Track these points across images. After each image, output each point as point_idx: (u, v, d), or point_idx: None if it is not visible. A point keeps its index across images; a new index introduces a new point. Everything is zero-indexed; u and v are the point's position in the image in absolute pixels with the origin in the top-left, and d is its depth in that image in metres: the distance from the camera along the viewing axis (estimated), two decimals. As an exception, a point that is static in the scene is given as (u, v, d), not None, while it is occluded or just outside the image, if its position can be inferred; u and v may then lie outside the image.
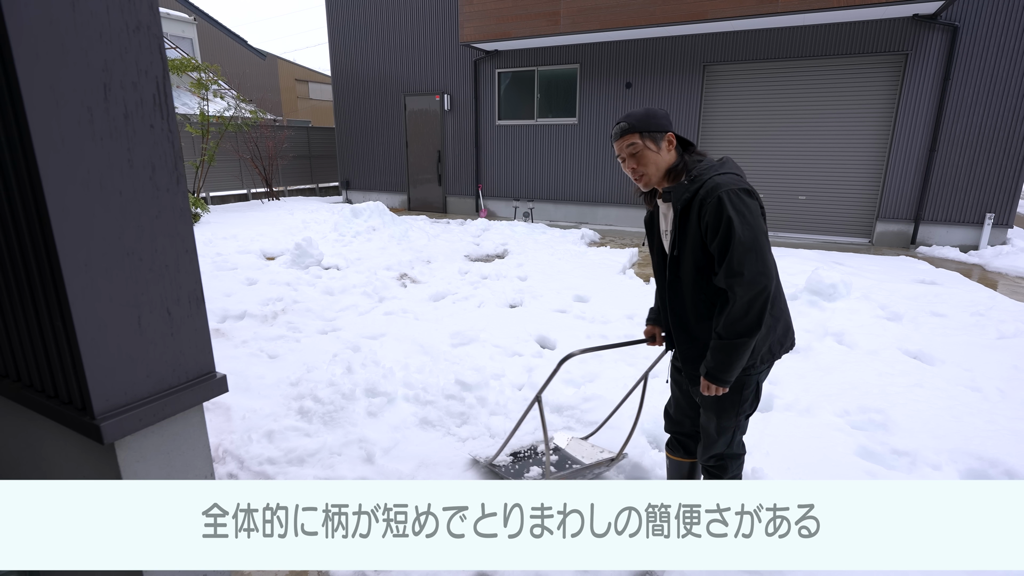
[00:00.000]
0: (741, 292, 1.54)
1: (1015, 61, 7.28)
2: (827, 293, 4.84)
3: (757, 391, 1.81)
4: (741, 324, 1.56)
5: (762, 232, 1.55)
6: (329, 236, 7.92)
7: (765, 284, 1.52)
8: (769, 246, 1.58)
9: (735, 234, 1.52)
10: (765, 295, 1.53)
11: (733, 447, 1.88)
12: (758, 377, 1.78)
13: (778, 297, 1.72)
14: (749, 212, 1.54)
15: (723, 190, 1.55)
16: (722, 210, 1.53)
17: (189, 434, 1.41)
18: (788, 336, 1.78)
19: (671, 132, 1.69)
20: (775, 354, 1.75)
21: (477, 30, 9.45)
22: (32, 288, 1.19)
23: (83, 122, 1.09)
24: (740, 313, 1.56)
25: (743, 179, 1.62)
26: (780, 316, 1.73)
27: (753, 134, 8.95)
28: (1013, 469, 2.47)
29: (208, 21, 20.34)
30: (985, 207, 7.79)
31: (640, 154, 1.68)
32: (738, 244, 1.52)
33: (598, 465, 2.46)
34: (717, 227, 1.55)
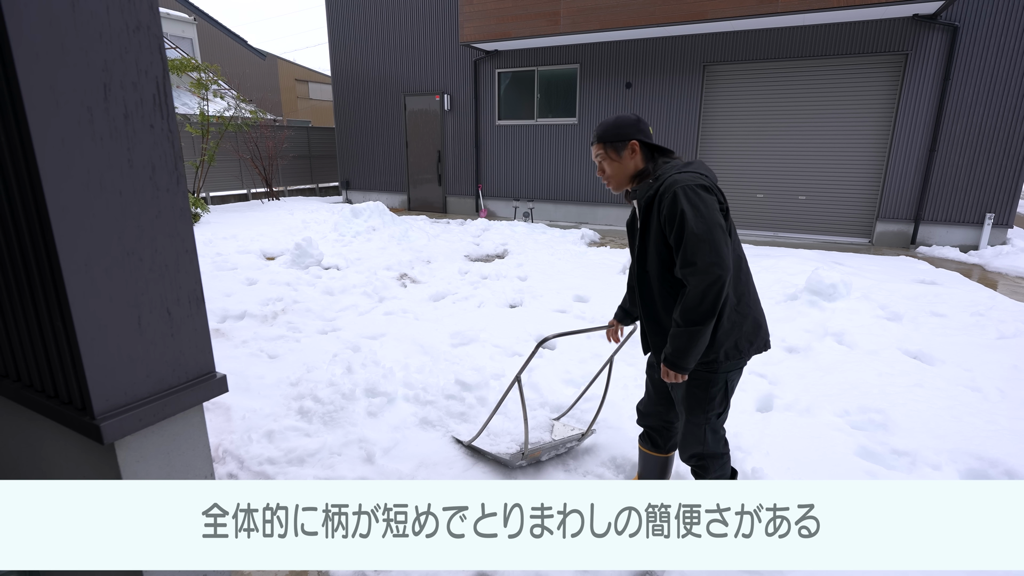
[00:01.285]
0: (695, 281, 1.60)
1: (1015, 61, 7.28)
2: (827, 293, 4.84)
3: (726, 391, 1.84)
4: (696, 312, 1.62)
5: (717, 225, 1.60)
6: (329, 236, 7.92)
7: (719, 274, 1.57)
8: (726, 239, 1.62)
9: (688, 225, 1.59)
10: (719, 284, 1.58)
11: (708, 445, 1.90)
12: (727, 376, 1.81)
13: (746, 294, 1.77)
14: (704, 205, 1.60)
15: (679, 185, 1.63)
16: (676, 203, 1.61)
17: (189, 434, 1.41)
18: (759, 335, 1.81)
19: (634, 140, 1.78)
20: (743, 352, 1.78)
21: (477, 30, 9.45)
22: (32, 288, 1.19)
23: (83, 122, 1.09)
24: (695, 301, 1.61)
25: (706, 177, 1.68)
26: (748, 313, 1.77)
27: (753, 134, 8.95)
28: (1013, 469, 2.47)
29: (208, 21, 20.34)
30: (985, 207, 7.80)
31: (604, 161, 1.83)
32: (691, 235, 1.58)
33: (569, 440, 2.60)
34: (673, 219, 1.63)
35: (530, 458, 2.48)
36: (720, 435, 1.92)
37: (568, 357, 3.81)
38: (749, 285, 1.80)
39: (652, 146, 1.82)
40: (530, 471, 2.56)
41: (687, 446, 1.93)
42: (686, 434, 1.92)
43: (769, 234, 9.13)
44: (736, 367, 1.82)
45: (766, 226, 9.18)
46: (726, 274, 1.59)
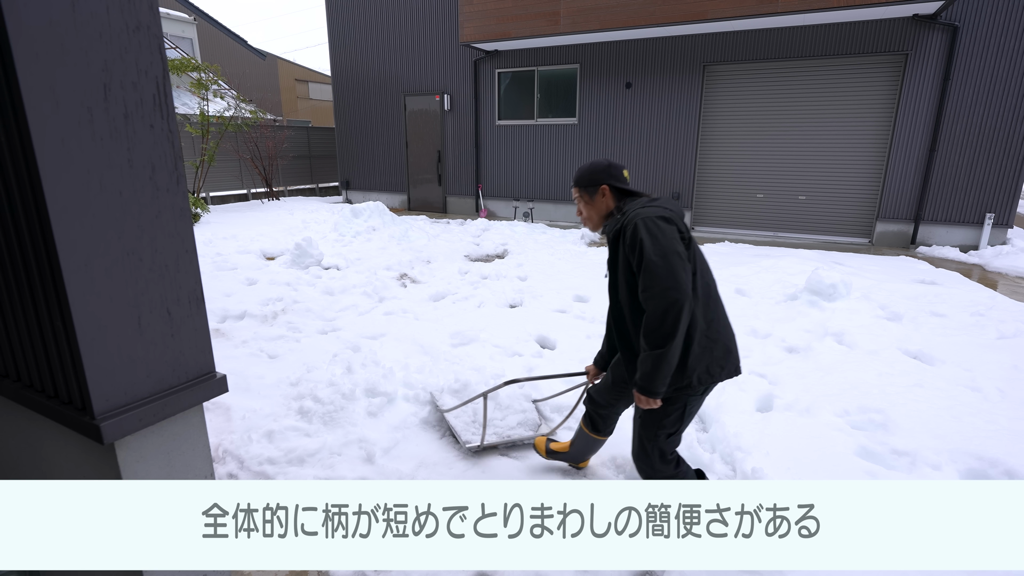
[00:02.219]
0: (652, 305, 1.68)
1: (1015, 61, 7.28)
2: (827, 293, 4.84)
3: (683, 413, 1.91)
4: (656, 335, 1.69)
5: (674, 252, 1.68)
6: (329, 236, 7.92)
7: (675, 298, 1.65)
8: (684, 266, 1.69)
9: (646, 253, 1.68)
10: (676, 307, 1.65)
11: (655, 466, 1.99)
12: (688, 399, 1.88)
13: (715, 320, 1.84)
14: (662, 234, 1.70)
15: (640, 218, 1.74)
16: (637, 233, 1.72)
17: (189, 434, 1.41)
18: (729, 360, 1.86)
19: (604, 184, 1.93)
20: (714, 376, 1.83)
21: (477, 30, 9.45)
22: (32, 288, 1.19)
23: (83, 122, 1.09)
24: (655, 325, 1.68)
25: (668, 210, 1.79)
26: (718, 338, 1.83)
27: (753, 134, 8.95)
28: (1013, 469, 2.47)
29: (208, 21, 20.34)
30: (985, 207, 7.80)
31: (580, 203, 2.00)
32: (648, 261, 1.68)
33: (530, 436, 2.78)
34: (634, 248, 1.73)
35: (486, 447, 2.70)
36: (668, 458, 2.00)
37: (568, 357, 3.81)
38: (719, 312, 1.86)
39: (622, 189, 1.95)
40: (529, 471, 2.56)
41: (637, 459, 2.05)
42: (637, 449, 2.02)
43: (769, 234, 9.13)
44: (701, 392, 1.89)
45: (766, 226, 9.19)
46: (683, 298, 1.65)
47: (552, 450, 2.57)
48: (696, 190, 9.52)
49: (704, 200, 9.59)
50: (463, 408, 2.91)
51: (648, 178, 9.73)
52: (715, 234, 9.28)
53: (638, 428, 1.99)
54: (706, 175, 9.47)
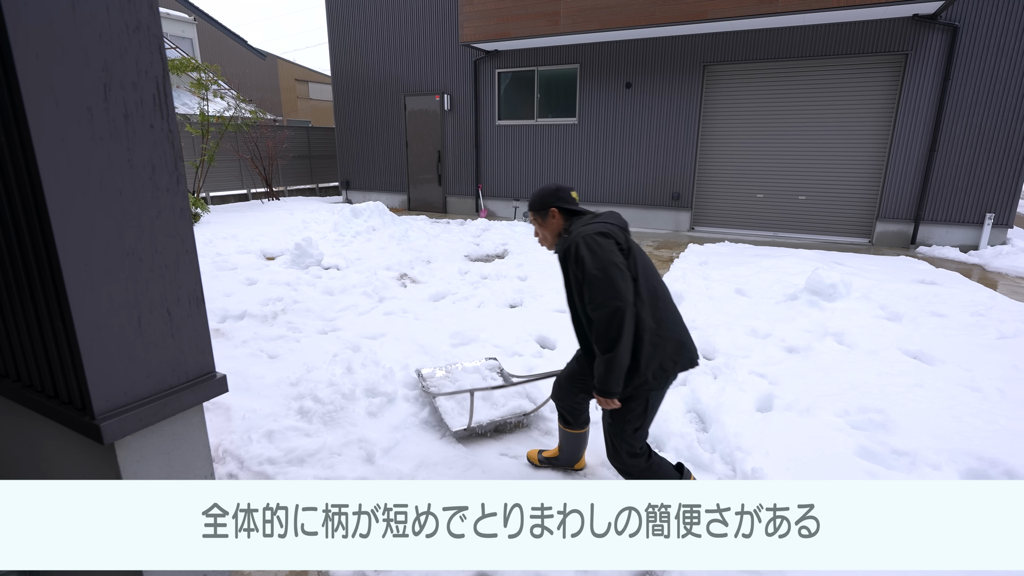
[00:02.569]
0: (597, 315, 1.83)
1: (1015, 61, 7.28)
2: (827, 293, 4.84)
3: (647, 407, 2.01)
4: (604, 341, 1.83)
5: (612, 264, 1.83)
6: (329, 236, 7.92)
7: (617, 306, 1.79)
8: (623, 276, 1.84)
9: (587, 268, 1.84)
10: (619, 315, 1.80)
11: (623, 462, 2.08)
12: (650, 395, 1.99)
13: (664, 319, 1.96)
14: (600, 249, 1.85)
15: (580, 236, 1.90)
16: (579, 251, 1.87)
17: (189, 434, 1.41)
18: (681, 354, 1.99)
19: (553, 207, 2.08)
20: (668, 371, 1.96)
21: (477, 30, 9.45)
22: (32, 288, 1.19)
23: (83, 122, 1.09)
24: (601, 332, 1.83)
25: (607, 225, 1.94)
26: (668, 336, 1.96)
27: (753, 134, 8.95)
28: (1013, 469, 2.47)
29: (208, 21, 20.34)
30: (985, 207, 7.80)
31: (535, 225, 2.16)
32: (589, 275, 1.83)
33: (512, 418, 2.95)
34: (579, 265, 1.88)
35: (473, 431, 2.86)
36: (638, 452, 2.08)
37: (568, 357, 3.81)
38: (668, 311, 1.99)
39: (570, 210, 2.10)
40: (529, 471, 2.56)
41: (611, 459, 2.14)
42: (609, 449, 2.12)
43: (769, 234, 9.13)
44: (661, 384, 1.99)
45: (766, 226, 9.19)
46: (624, 305, 1.80)
47: (545, 458, 2.61)
48: (696, 190, 9.52)
49: (704, 200, 9.58)
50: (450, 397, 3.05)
51: (648, 178, 9.73)
52: (715, 234, 9.28)
53: (607, 428, 2.09)
54: (706, 175, 9.47)
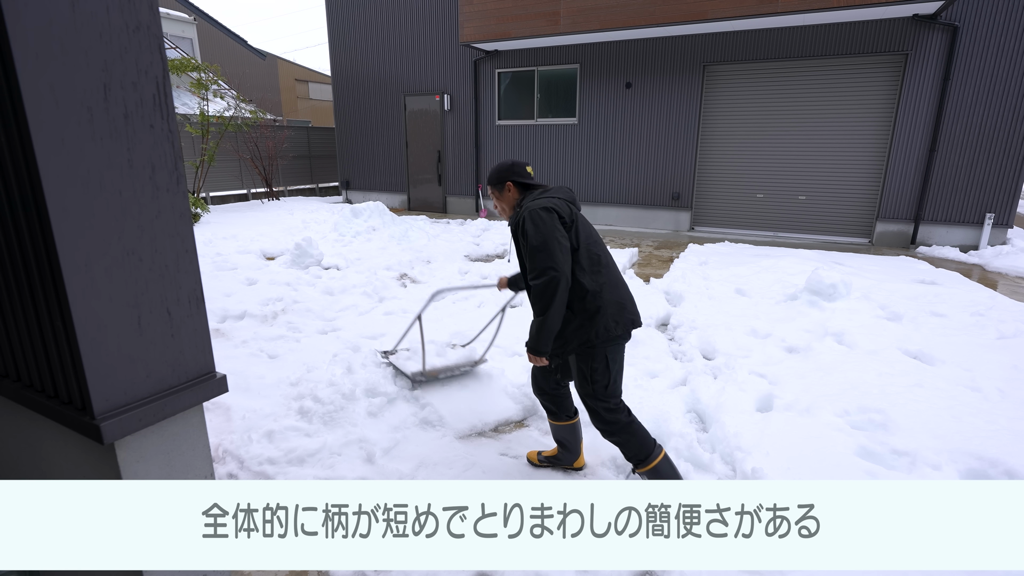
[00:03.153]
0: (535, 282, 2.01)
1: (1015, 61, 7.28)
2: (827, 293, 4.84)
3: (607, 362, 2.16)
4: (539, 305, 2.03)
5: (552, 238, 2.00)
6: (329, 236, 7.92)
7: (553, 275, 1.97)
8: (562, 249, 2.01)
9: (529, 239, 2.02)
10: (554, 283, 1.98)
11: (605, 421, 2.21)
12: (607, 351, 2.14)
13: (606, 284, 2.13)
14: (542, 223, 2.01)
15: (527, 210, 2.06)
16: (524, 224, 2.05)
17: (189, 434, 1.41)
18: (623, 314, 2.16)
19: (508, 181, 2.24)
20: (611, 330, 2.12)
21: (477, 30, 9.45)
22: (32, 288, 1.19)
23: (83, 122, 1.09)
24: (537, 297, 2.02)
25: (552, 199, 2.10)
26: (610, 299, 2.12)
27: (753, 134, 8.95)
28: (1013, 469, 2.47)
29: (208, 21, 20.33)
30: (985, 207, 7.80)
31: (493, 198, 2.30)
32: (531, 247, 2.01)
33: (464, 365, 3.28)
34: (525, 238, 2.05)
35: (429, 376, 3.16)
36: (613, 406, 2.21)
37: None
38: (609, 276, 2.15)
39: (524, 184, 2.26)
40: (529, 470, 2.56)
41: (594, 422, 2.26)
42: (592, 419, 2.25)
43: (769, 234, 9.13)
44: (613, 344, 2.15)
45: (766, 226, 9.19)
46: (560, 276, 1.98)
47: (544, 457, 2.61)
48: (696, 190, 9.52)
49: (704, 200, 9.59)
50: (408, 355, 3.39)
51: (648, 178, 9.73)
52: (715, 234, 9.28)
53: (582, 393, 2.23)
54: (706, 175, 9.47)
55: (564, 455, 2.55)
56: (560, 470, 2.58)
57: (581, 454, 2.57)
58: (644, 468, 2.22)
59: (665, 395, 3.25)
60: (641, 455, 2.20)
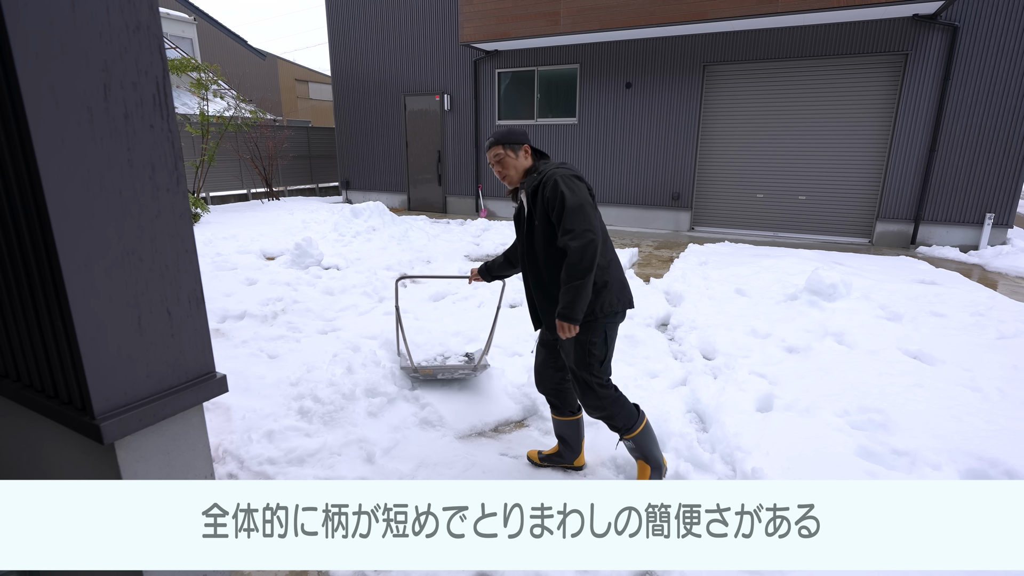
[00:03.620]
0: (574, 244, 1.98)
1: (1015, 61, 7.28)
2: (827, 293, 4.84)
3: (605, 337, 2.22)
4: (578, 268, 1.99)
5: (587, 202, 2.03)
6: (329, 236, 7.92)
7: (591, 237, 1.98)
8: (596, 214, 2.06)
9: (566, 202, 2.00)
10: (593, 245, 1.97)
11: (600, 397, 2.25)
12: (604, 326, 2.20)
13: (613, 261, 2.22)
14: (577, 188, 2.04)
15: (558, 175, 2.07)
16: (556, 187, 2.04)
17: (189, 434, 1.41)
18: (624, 293, 2.24)
19: (526, 144, 2.25)
20: (614, 305, 2.19)
21: (477, 30, 9.45)
22: (32, 288, 1.19)
23: (83, 122, 1.09)
24: (576, 259, 1.99)
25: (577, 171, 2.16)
26: (615, 276, 2.20)
27: (753, 134, 8.95)
28: (1013, 469, 2.47)
29: (208, 21, 20.33)
30: (985, 207, 7.80)
31: (503, 160, 2.24)
32: (569, 208, 1.99)
33: (463, 368, 3.22)
34: (554, 200, 2.04)
35: (423, 374, 3.16)
36: (606, 385, 2.27)
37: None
38: (614, 256, 2.25)
39: (536, 150, 2.29)
40: (529, 470, 2.56)
41: (587, 404, 2.29)
42: (582, 394, 2.28)
43: (769, 234, 9.13)
44: (612, 319, 2.21)
45: (766, 226, 9.19)
46: (597, 238, 1.99)
47: (545, 455, 2.61)
48: (696, 190, 9.52)
49: (704, 200, 9.59)
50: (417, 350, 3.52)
51: (648, 178, 9.73)
52: (715, 234, 9.28)
53: (575, 369, 2.24)
54: (706, 175, 9.47)
55: (565, 452, 2.56)
56: (560, 469, 2.58)
57: (582, 452, 2.57)
58: (632, 434, 2.32)
59: (665, 395, 3.25)
60: (629, 423, 2.30)
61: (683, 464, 2.55)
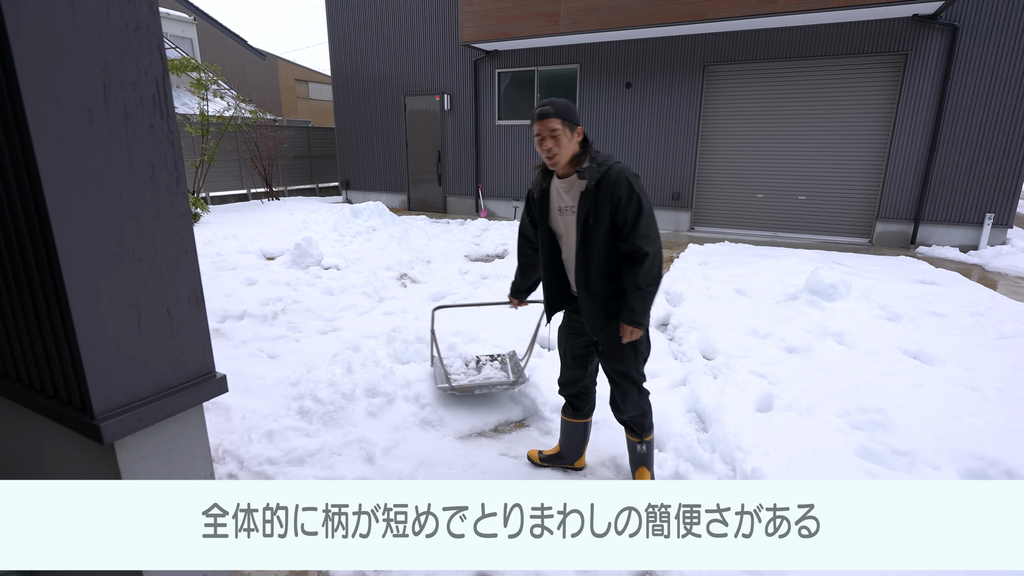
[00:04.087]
0: (652, 250, 1.98)
1: (1015, 61, 7.28)
2: (827, 293, 4.84)
3: (648, 336, 2.21)
4: (651, 274, 2.00)
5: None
6: (329, 236, 7.92)
7: (660, 245, 2.01)
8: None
9: (643, 207, 1.98)
10: (662, 253, 2.01)
11: (640, 404, 2.26)
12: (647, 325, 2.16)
13: None
14: (644, 190, 2.02)
15: (628, 174, 2.00)
16: (632, 189, 1.98)
17: (189, 434, 1.41)
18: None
19: (581, 127, 2.07)
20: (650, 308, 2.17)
21: (477, 30, 9.45)
22: (32, 288, 1.19)
23: (83, 122, 1.09)
24: (650, 265, 1.99)
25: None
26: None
27: (753, 134, 8.95)
28: (1013, 469, 2.47)
29: (208, 21, 20.33)
30: (985, 207, 7.79)
31: (558, 137, 2.00)
32: (646, 214, 1.99)
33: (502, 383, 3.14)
34: (629, 201, 1.98)
35: (461, 391, 3.06)
36: (645, 391, 2.29)
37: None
38: None
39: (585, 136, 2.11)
40: (529, 470, 2.56)
41: (629, 403, 2.25)
42: (627, 394, 2.24)
43: (769, 234, 9.13)
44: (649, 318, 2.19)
45: (766, 226, 9.19)
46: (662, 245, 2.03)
47: (545, 456, 2.61)
48: (696, 190, 9.52)
49: (704, 200, 9.58)
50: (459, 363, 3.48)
51: (648, 178, 9.72)
52: (715, 234, 9.28)
53: (622, 370, 2.20)
54: (706, 175, 9.47)
55: (568, 454, 2.55)
56: (560, 469, 2.58)
57: (584, 454, 2.57)
58: (650, 436, 2.34)
59: (665, 395, 3.25)
60: (649, 424, 2.32)
61: (683, 464, 2.55)
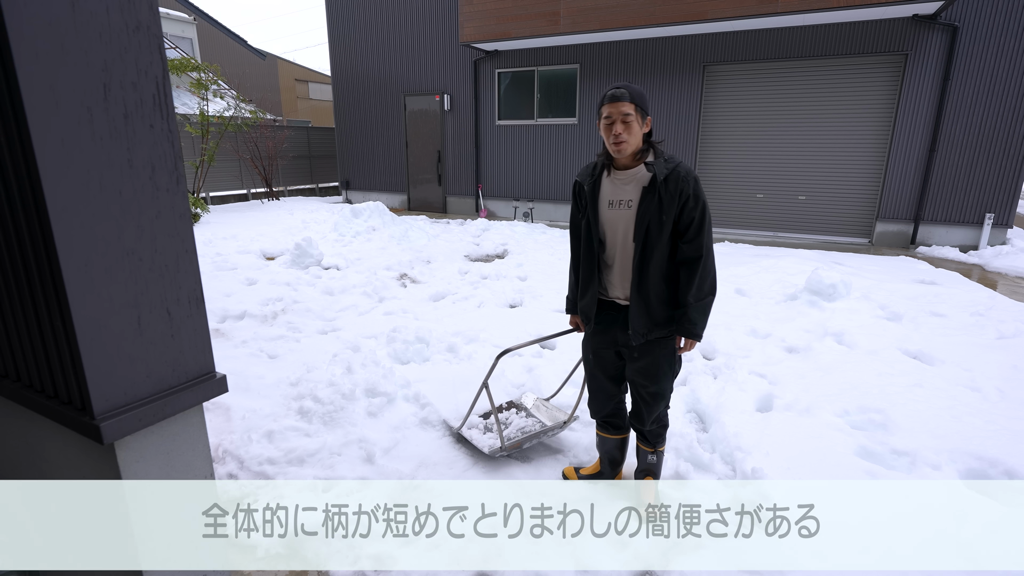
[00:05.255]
0: (710, 261, 1.93)
1: (1015, 61, 7.28)
2: (827, 293, 4.84)
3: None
4: (710, 284, 1.94)
5: None
6: (329, 236, 7.92)
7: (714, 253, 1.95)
8: None
9: (707, 215, 1.91)
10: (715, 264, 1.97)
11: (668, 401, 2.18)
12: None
13: None
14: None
15: (695, 174, 1.91)
16: (700, 193, 1.90)
17: (189, 434, 1.41)
18: None
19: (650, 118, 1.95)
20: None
21: (477, 30, 9.45)
22: (32, 288, 1.19)
23: (83, 122, 1.09)
24: (708, 275, 1.93)
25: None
26: None
27: (753, 134, 8.95)
28: (1013, 469, 2.46)
29: (208, 21, 20.33)
30: (985, 207, 7.80)
31: (630, 124, 1.88)
32: (709, 223, 1.91)
33: (551, 429, 2.79)
34: (696, 202, 1.89)
35: (510, 449, 2.62)
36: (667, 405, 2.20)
37: (568, 356, 3.82)
38: None
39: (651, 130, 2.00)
40: (530, 470, 2.56)
41: (657, 415, 2.14)
42: (656, 407, 2.12)
43: (769, 234, 9.13)
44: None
45: (766, 226, 9.19)
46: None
47: (583, 475, 2.39)
48: (696, 190, 9.51)
49: (704, 200, 9.57)
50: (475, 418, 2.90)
51: (648, 178, 9.72)
52: (715, 234, 9.28)
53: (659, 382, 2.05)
54: (706, 175, 9.47)
55: (607, 470, 2.36)
56: (560, 469, 2.58)
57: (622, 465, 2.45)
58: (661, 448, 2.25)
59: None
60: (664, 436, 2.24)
61: (683, 464, 2.55)
